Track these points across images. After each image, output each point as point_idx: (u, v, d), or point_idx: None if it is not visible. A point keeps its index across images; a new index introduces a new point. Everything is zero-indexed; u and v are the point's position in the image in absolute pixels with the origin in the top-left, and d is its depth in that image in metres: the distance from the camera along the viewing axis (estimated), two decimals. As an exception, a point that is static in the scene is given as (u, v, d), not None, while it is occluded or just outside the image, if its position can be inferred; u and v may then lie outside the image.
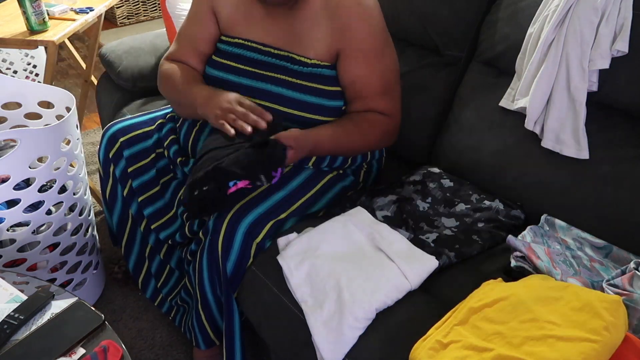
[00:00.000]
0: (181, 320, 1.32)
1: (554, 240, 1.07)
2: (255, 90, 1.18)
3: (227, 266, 1.07)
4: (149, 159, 1.31)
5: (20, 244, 1.23)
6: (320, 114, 1.18)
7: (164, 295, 1.36)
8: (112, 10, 3.40)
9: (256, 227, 1.07)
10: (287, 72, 1.17)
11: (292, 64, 1.17)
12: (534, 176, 1.18)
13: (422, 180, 1.26)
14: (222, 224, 1.06)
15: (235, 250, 1.06)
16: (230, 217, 1.06)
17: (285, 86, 1.17)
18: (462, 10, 1.33)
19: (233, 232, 1.05)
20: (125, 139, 1.30)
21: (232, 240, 1.06)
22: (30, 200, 1.19)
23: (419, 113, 1.41)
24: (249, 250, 1.08)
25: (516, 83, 1.22)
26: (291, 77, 1.17)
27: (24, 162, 1.14)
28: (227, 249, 1.06)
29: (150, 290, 1.37)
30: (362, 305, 0.92)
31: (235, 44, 1.22)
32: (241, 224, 1.06)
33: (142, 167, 1.30)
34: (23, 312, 0.90)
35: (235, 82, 1.20)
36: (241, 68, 1.20)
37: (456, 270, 1.04)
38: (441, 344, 0.82)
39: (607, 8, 1.05)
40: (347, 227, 1.07)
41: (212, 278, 1.11)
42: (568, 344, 0.74)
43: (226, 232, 1.05)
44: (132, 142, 1.30)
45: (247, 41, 1.21)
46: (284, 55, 1.18)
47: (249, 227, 1.06)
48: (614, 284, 0.90)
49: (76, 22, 1.78)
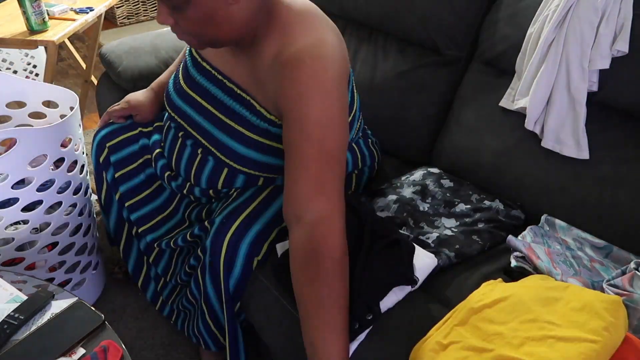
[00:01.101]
0: (183, 325, 1.31)
1: (554, 240, 1.07)
2: (207, 134, 1.11)
3: (230, 283, 1.07)
4: (137, 163, 1.31)
5: (19, 243, 1.23)
6: (265, 171, 1.10)
7: (164, 298, 1.35)
8: (112, 10, 3.40)
9: (257, 245, 1.06)
10: (242, 122, 1.07)
11: (250, 113, 1.06)
12: (534, 176, 1.18)
13: (422, 180, 1.26)
14: (222, 246, 1.04)
15: (238, 270, 1.06)
16: (230, 238, 1.04)
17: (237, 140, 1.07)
18: (462, 10, 1.33)
19: (234, 254, 1.04)
20: (112, 144, 1.30)
21: (233, 261, 1.05)
22: (29, 200, 1.19)
23: (419, 113, 1.41)
24: (251, 266, 1.07)
25: (516, 83, 1.23)
26: (245, 129, 1.06)
27: (22, 161, 1.14)
28: (230, 268, 1.05)
29: (151, 293, 1.37)
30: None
31: (204, 73, 1.13)
32: (242, 245, 1.04)
33: (129, 172, 1.30)
34: (23, 312, 0.90)
35: (195, 120, 1.13)
36: (204, 106, 1.12)
37: (456, 270, 1.04)
38: (441, 345, 0.82)
39: (607, 8, 1.05)
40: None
41: (217, 292, 1.09)
42: (568, 344, 0.74)
43: (227, 254, 1.04)
44: (119, 147, 1.31)
45: (215, 70, 1.11)
46: (245, 99, 1.07)
47: (249, 247, 1.05)
48: (614, 284, 0.90)
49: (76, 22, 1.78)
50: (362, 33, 1.54)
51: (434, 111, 1.40)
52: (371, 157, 1.30)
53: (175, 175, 1.23)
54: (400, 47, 1.46)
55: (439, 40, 1.38)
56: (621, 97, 1.10)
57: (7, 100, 1.42)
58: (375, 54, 1.50)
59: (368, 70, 1.48)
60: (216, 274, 1.07)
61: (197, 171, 1.15)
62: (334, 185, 0.94)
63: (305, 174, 0.92)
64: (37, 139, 1.14)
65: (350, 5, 1.54)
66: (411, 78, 1.41)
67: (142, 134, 1.33)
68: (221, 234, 1.05)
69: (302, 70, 0.94)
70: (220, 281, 1.07)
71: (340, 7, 1.57)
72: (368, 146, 1.30)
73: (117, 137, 1.31)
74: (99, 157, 1.31)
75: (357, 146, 1.26)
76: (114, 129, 1.32)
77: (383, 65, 1.46)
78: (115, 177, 1.29)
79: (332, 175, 0.94)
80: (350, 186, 1.27)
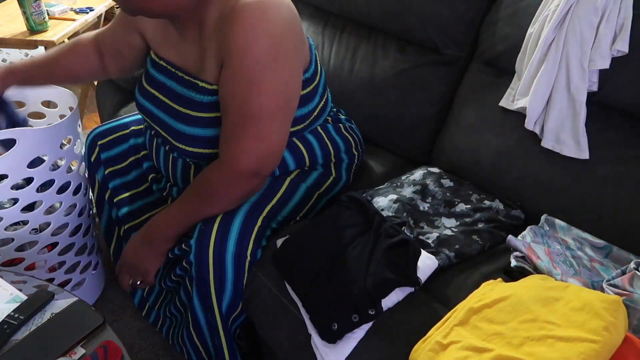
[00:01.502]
0: (168, 333, 1.29)
1: (554, 240, 1.07)
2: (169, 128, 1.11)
3: (223, 306, 1.06)
4: (126, 162, 1.32)
5: (18, 243, 1.23)
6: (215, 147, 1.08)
7: (150, 304, 1.34)
8: (112, 10, 3.40)
9: (243, 239, 1.04)
10: (192, 105, 1.06)
11: (196, 92, 1.05)
12: (534, 176, 1.18)
13: (422, 180, 1.26)
14: (208, 252, 1.02)
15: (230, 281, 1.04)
16: (214, 245, 1.02)
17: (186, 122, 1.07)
18: (462, 10, 1.33)
19: (222, 257, 1.02)
20: (102, 143, 1.31)
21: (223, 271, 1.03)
22: (29, 200, 1.19)
23: (418, 112, 1.41)
24: (243, 270, 1.06)
25: (516, 83, 1.22)
26: (193, 110, 1.06)
27: (22, 162, 1.14)
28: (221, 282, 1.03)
29: (138, 299, 1.37)
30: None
31: (160, 69, 1.14)
32: (228, 244, 1.02)
33: (119, 170, 1.31)
34: (23, 312, 0.90)
35: (159, 116, 1.13)
36: (162, 100, 1.12)
37: (456, 270, 1.04)
38: (441, 345, 0.82)
39: (607, 8, 1.05)
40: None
41: (204, 305, 1.08)
42: (568, 344, 0.74)
43: (214, 258, 1.02)
44: (109, 146, 1.32)
45: (168, 64, 1.12)
46: (191, 82, 1.06)
47: (236, 245, 1.03)
48: (614, 284, 0.90)
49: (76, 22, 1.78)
50: (361, 32, 1.54)
51: (433, 111, 1.40)
52: (345, 142, 1.26)
53: (159, 178, 1.24)
54: (400, 47, 1.46)
55: (438, 40, 1.38)
56: (621, 97, 1.10)
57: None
58: (374, 53, 1.50)
59: (368, 70, 1.48)
60: (205, 286, 1.05)
61: (172, 170, 1.17)
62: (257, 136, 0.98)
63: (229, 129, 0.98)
64: (36, 139, 1.14)
65: (350, 4, 1.54)
66: (411, 77, 1.41)
67: (134, 133, 1.34)
68: (204, 240, 1.03)
69: (243, 22, 0.92)
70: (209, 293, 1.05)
71: (340, 7, 1.57)
72: (340, 132, 1.26)
73: (108, 136, 1.33)
74: (91, 156, 1.32)
75: (325, 131, 1.22)
76: (106, 128, 1.34)
77: (383, 65, 1.46)
78: (106, 173, 1.30)
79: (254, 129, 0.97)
80: (330, 174, 1.24)
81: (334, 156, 1.24)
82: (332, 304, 0.93)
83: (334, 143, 1.24)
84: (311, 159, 1.19)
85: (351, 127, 1.33)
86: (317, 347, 0.93)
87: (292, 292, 1.01)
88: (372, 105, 1.45)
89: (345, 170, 1.28)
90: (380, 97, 1.45)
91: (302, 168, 1.20)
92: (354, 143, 1.30)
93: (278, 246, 1.07)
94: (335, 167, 1.26)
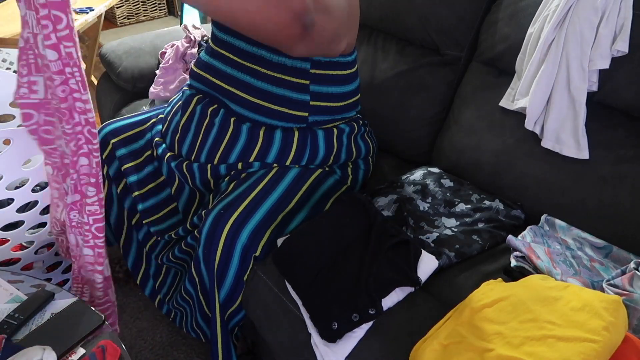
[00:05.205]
0: (181, 323, 1.31)
1: (554, 240, 1.07)
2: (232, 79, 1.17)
3: (221, 295, 1.07)
4: (143, 157, 1.31)
5: (15, 244, 1.23)
6: (286, 106, 1.15)
7: (161, 297, 1.36)
8: (112, 10, 3.40)
9: (256, 236, 1.05)
10: (261, 62, 1.13)
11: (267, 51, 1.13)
12: (534, 176, 1.18)
13: (422, 179, 1.26)
14: (220, 239, 1.03)
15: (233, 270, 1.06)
16: (229, 229, 1.03)
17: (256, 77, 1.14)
18: (462, 10, 1.33)
19: (232, 247, 1.04)
20: (117, 140, 1.30)
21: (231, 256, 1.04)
22: (24, 200, 1.18)
23: (418, 113, 1.41)
24: (248, 264, 1.07)
25: (516, 83, 1.22)
26: (263, 67, 1.13)
27: (17, 162, 1.13)
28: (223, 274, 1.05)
29: (149, 290, 1.38)
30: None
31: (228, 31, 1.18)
32: (241, 236, 1.04)
33: (136, 165, 1.30)
34: (23, 312, 0.90)
35: (221, 69, 1.19)
36: (227, 56, 1.18)
37: (456, 270, 1.04)
38: (441, 345, 0.82)
39: (607, 8, 1.05)
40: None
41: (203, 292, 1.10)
42: (568, 344, 0.74)
43: (224, 247, 1.03)
44: (125, 143, 1.31)
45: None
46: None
47: (248, 239, 1.04)
48: (614, 284, 0.90)
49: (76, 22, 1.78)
50: (362, 33, 1.54)
51: (433, 111, 1.40)
52: (366, 148, 1.31)
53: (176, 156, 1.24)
54: (400, 47, 1.46)
55: (438, 40, 1.38)
56: (621, 97, 1.10)
57: (10, 99, 1.42)
58: (375, 53, 1.50)
59: (368, 70, 1.48)
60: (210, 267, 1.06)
61: (228, 145, 1.17)
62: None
63: None
64: (30, 139, 1.13)
65: (350, 5, 1.53)
66: (411, 78, 1.41)
67: (150, 128, 1.34)
68: (219, 224, 1.04)
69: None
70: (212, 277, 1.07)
71: (340, 7, 1.56)
72: (363, 137, 1.30)
73: (122, 134, 1.31)
74: (101, 154, 1.30)
75: (351, 133, 1.26)
76: (120, 126, 1.33)
77: (383, 65, 1.46)
78: (122, 169, 1.29)
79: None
80: (346, 181, 1.26)
81: (352, 162, 1.28)
82: (332, 303, 0.93)
83: (358, 148, 1.28)
84: (335, 158, 1.24)
85: (371, 132, 1.37)
86: (317, 346, 0.92)
87: (293, 291, 1.01)
88: (373, 106, 1.45)
89: (360, 177, 1.31)
90: (380, 98, 1.45)
91: (326, 163, 1.23)
92: (372, 149, 1.35)
93: (279, 245, 1.07)
94: (352, 173, 1.29)
